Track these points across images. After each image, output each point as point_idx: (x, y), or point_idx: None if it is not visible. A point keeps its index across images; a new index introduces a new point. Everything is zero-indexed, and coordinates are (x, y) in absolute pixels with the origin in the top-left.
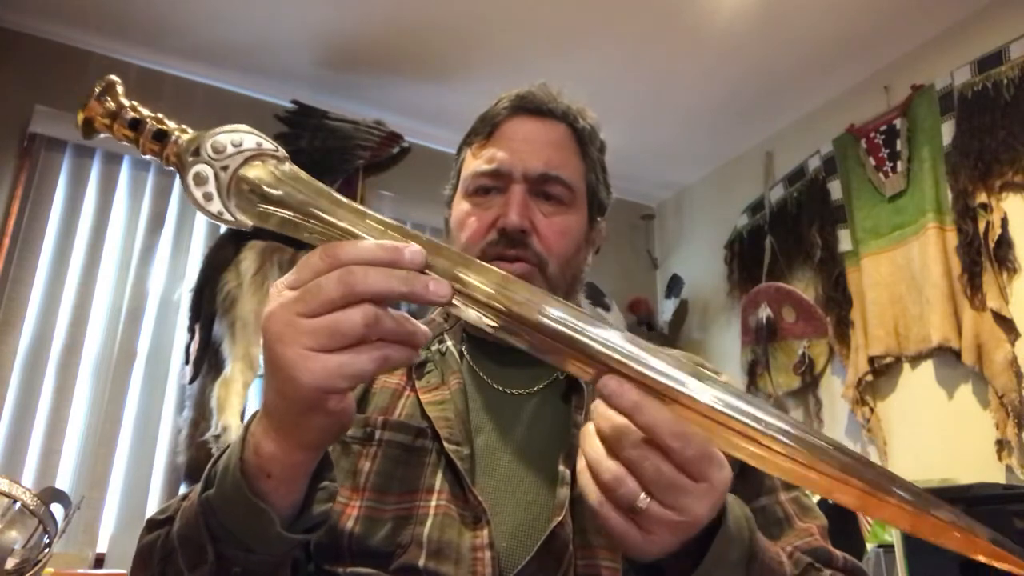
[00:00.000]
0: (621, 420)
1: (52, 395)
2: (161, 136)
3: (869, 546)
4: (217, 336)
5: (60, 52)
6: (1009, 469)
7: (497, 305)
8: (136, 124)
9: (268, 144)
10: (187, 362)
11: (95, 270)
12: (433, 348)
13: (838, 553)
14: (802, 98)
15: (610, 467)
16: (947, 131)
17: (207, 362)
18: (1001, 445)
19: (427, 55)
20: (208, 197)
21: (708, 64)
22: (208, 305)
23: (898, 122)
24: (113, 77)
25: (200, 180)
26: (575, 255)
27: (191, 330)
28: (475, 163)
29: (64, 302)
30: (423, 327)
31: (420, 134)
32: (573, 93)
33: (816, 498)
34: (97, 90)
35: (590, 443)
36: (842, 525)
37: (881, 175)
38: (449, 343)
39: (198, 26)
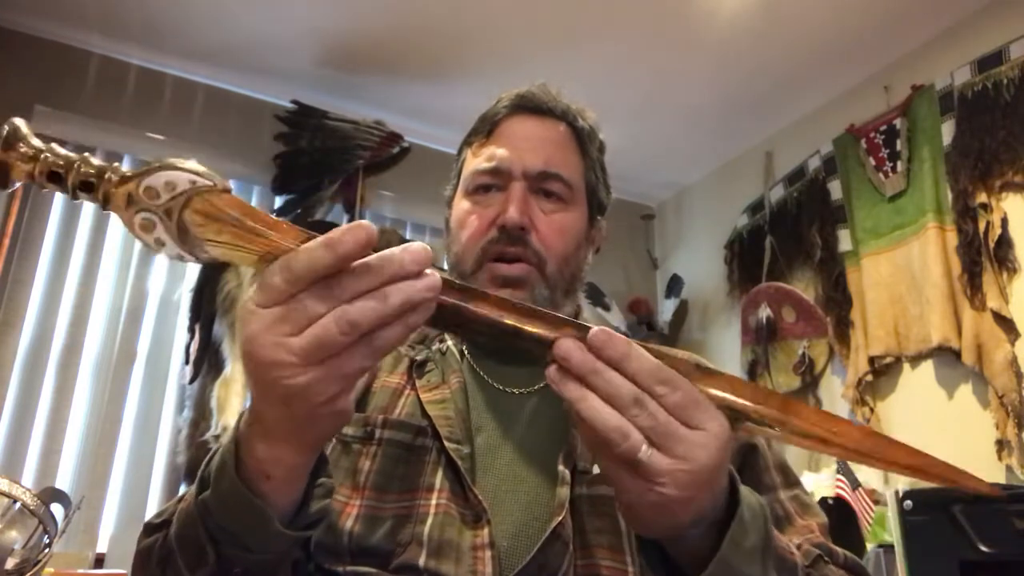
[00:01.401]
0: (613, 376)
1: (52, 395)
2: (88, 187)
3: (869, 546)
4: (217, 336)
5: (60, 52)
6: (1009, 469)
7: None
8: (56, 177)
9: (202, 180)
10: (187, 362)
11: (95, 270)
12: (433, 347)
13: (839, 550)
14: (802, 98)
15: (611, 422)
16: (947, 131)
17: (207, 362)
18: (1001, 445)
19: (427, 55)
20: (160, 243)
21: (708, 64)
22: (208, 305)
23: (898, 122)
24: (17, 121)
25: (147, 227)
26: (574, 253)
27: (191, 330)
28: (475, 161)
29: (64, 302)
30: (416, 288)
31: (420, 134)
32: (573, 93)
33: (816, 498)
34: (3, 134)
35: (590, 403)
36: (842, 525)
37: (881, 175)
38: (449, 342)
39: (198, 26)
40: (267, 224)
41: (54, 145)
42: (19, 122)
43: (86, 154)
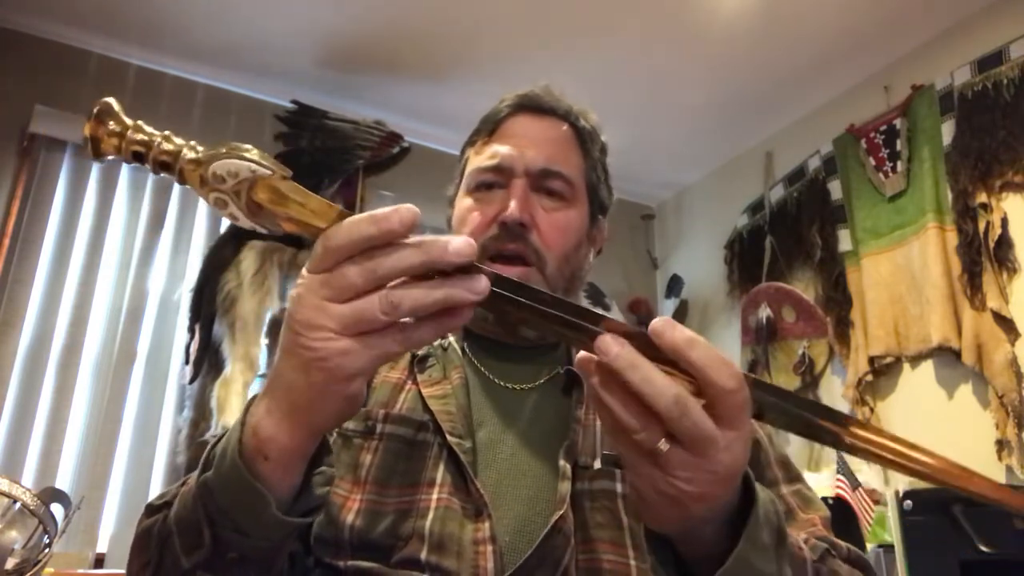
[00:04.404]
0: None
1: (52, 395)
2: (166, 166)
3: (869, 546)
4: (217, 336)
5: (60, 52)
6: (1009, 469)
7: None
8: (139, 156)
9: (262, 170)
10: (187, 362)
11: (95, 270)
12: (435, 343)
13: (842, 544)
14: (802, 98)
15: (627, 419)
16: (947, 131)
17: (207, 362)
18: (1001, 445)
19: (427, 55)
20: (235, 217)
21: (708, 64)
22: (208, 305)
23: (898, 122)
24: (110, 100)
25: (220, 204)
26: (575, 252)
27: (191, 330)
28: (477, 160)
29: (64, 302)
30: (462, 288)
31: (420, 134)
32: (573, 93)
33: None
34: (96, 110)
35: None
36: (843, 524)
37: (881, 175)
38: (451, 338)
39: (198, 26)
40: (322, 207)
41: (141, 123)
42: (111, 101)
43: (167, 133)
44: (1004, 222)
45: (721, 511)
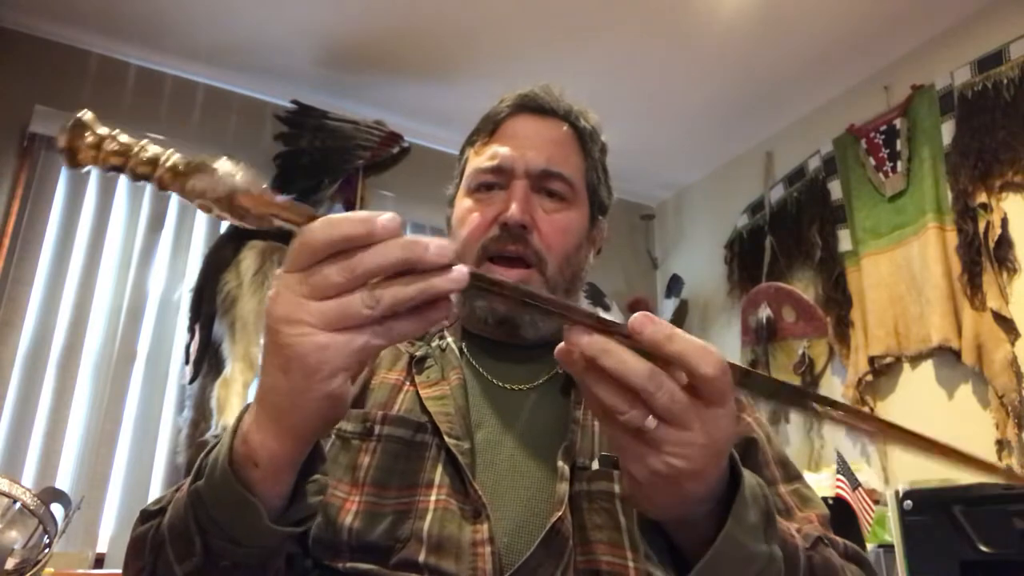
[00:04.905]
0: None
1: (52, 395)
2: (145, 177)
3: (869, 546)
4: (217, 336)
5: (60, 52)
6: (1009, 469)
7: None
8: (117, 168)
9: (240, 186)
10: (187, 362)
11: (95, 270)
12: (433, 344)
13: (839, 540)
14: (802, 98)
15: (612, 401)
16: (947, 131)
17: (207, 362)
18: (1001, 445)
19: (427, 55)
20: (222, 218)
21: (708, 64)
22: (208, 305)
23: (898, 122)
24: (81, 115)
25: (205, 209)
26: (575, 253)
27: (191, 330)
28: (477, 160)
29: (64, 302)
30: (441, 278)
31: (420, 134)
32: (573, 93)
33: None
34: (69, 124)
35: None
36: (843, 524)
37: (881, 175)
38: (449, 339)
39: (198, 26)
40: (304, 214)
41: (117, 132)
42: (85, 115)
43: (144, 142)
44: (1004, 222)
45: (712, 489)
